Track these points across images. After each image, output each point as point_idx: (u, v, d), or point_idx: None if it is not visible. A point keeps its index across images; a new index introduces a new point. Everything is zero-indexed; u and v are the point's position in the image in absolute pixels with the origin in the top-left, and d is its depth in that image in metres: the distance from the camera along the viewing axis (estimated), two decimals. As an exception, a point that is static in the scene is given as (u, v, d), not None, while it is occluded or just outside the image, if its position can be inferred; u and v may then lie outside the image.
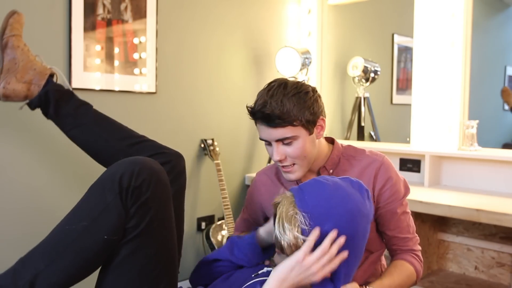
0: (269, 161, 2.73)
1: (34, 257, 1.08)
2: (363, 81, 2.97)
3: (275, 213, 1.07)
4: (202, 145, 2.48)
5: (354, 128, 3.02)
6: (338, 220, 1.00)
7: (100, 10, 2.03)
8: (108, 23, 2.06)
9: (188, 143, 2.43)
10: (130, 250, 1.09)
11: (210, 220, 2.54)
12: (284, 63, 2.65)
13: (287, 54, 2.63)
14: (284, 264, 1.01)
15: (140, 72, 2.20)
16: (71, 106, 1.41)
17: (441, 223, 2.34)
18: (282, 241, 1.01)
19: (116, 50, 2.11)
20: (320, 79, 2.99)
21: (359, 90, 2.99)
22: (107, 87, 2.08)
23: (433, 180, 2.34)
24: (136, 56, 2.18)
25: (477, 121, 2.26)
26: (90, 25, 2.00)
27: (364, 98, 2.97)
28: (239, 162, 2.69)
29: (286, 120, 1.15)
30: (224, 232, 2.41)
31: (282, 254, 1.05)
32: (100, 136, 1.39)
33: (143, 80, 2.21)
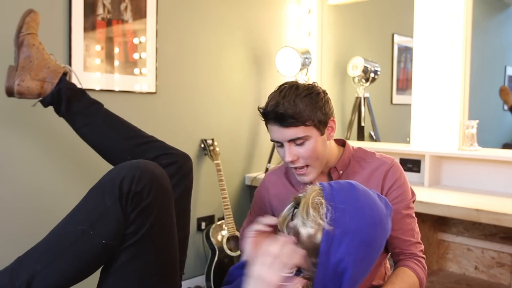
0: (269, 161, 2.73)
1: (31, 258, 1.08)
2: (363, 81, 2.97)
3: (297, 202, 1.06)
4: (202, 145, 2.48)
5: (354, 128, 3.02)
6: (361, 223, 0.99)
7: (100, 10, 2.03)
8: (108, 23, 2.07)
9: (188, 143, 2.43)
10: (130, 256, 1.08)
11: (210, 220, 2.54)
12: (284, 63, 2.65)
13: (287, 54, 2.63)
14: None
15: (140, 72, 2.20)
16: (82, 104, 1.42)
17: (441, 223, 2.34)
18: (301, 227, 0.99)
19: (116, 50, 2.11)
20: (320, 79, 2.99)
21: (359, 90, 2.99)
22: (107, 87, 2.08)
23: (433, 180, 2.34)
24: (136, 56, 2.18)
25: (477, 121, 2.26)
26: (90, 25, 2.00)
27: (364, 98, 2.97)
28: (239, 162, 2.69)
29: (299, 119, 1.16)
30: (224, 232, 2.41)
31: (293, 243, 1.05)
32: (109, 135, 1.40)
33: (143, 80, 2.21)
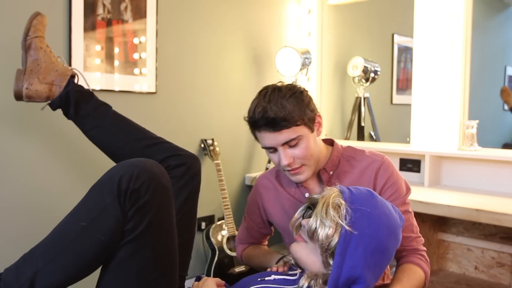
0: (269, 161, 2.73)
1: (35, 255, 1.09)
2: (363, 81, 2.97)
3: (311, 203, 1.08)
4: (202, 145, 2.48)
5: (354, 128, 3.02)
6: (377, 229, 1.01)
7: (100, 10, 2.03)
8: (108, 23, 2.07)
9: (188, 143, 2.43)
10: (128, 253, 1.09)
11: (210, 220, 2.54)
12: (284, 63, 2.65)
13: (287, 54, 2.63)
14: None
15: (140, 72, 2.20)
16: (90, 106, 1.43)
17: (441, 223, 2.34)
18: (319, 226, 1.00)
19: (116, 50, 2.11)
20: (320, 79, 2.99)
21: (359, 90, 2.99)
22: (107, 87, 2.08)
23: (433, 180, 2.34)
24: (136, 56, 2.18)
25: (477, 121, 2.26)
26: (90, 25, 2.00)
27: (364, 98, 2.97)
28: (239, 162, 2.69)
29: (290, 121, 1.15)
30: (224, 232, 2.41)
31: (303, 242, 1.05)
32: (118, 137, 1.41)
33: (143, 80, 2.21)
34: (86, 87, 1.49)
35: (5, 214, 1.82)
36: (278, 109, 1.14)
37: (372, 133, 3.04)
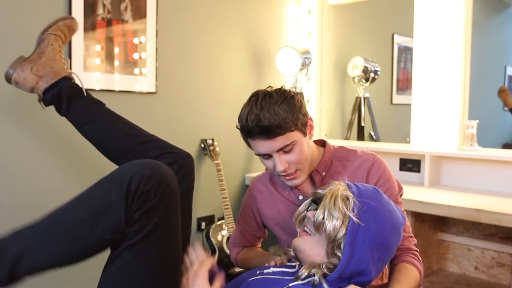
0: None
1: (26, 234, 1.07)
2: (363, 81, 2.97)
3: (316, 197, 1.09)
4: (202, 145, 2.48)
5: (354, 128, 3.02)
6: (382, 224, 1.02)
7: (100, 10, 2.03)
8: (108, 23, 2.07)
9: (188, 143, 2.43)
10: (132, 256, 1.08)
11: (210, 220, 2.54)
12: (284, 63, 2.65)
13: (287, 54, 2.63)
14: None
15: (140, 72, 2.20)
16: (83, 103, 1.42)
17: (441, 223, 2.34)
18: (327, 218, 1.01)
19: (116, 50, 2.11)
20: (320, 79, 2.99)
21: (359, 90, 2.99)
22: (107, 87, 2.08)
23: (433, 180, 2.34)
24: (136, 56, 2.18)
25: (477, 121, 2.26)
26: (90, 25, 2.00)
27: (364, 98, 2.97)
28: (239, 162, 2.69)
29: (284, 127, 1.14)
30: (224, 232, 2.41)
31: (306, 236, 1.06)
32: (110, 133, 1.41)
33: (143, 80, 2.21)
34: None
35: (5, 214, 1.82)
36: (272, 116, 1.13)
37: (372, 133, 3.04)
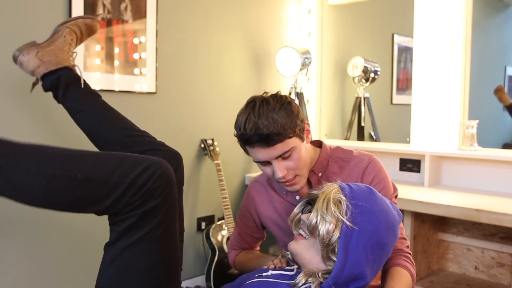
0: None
1: (7, 149, 1.04)
2: (363, 81, 2.97)
3: (310, 198, 1.08)
4: (202, 145, 2.48)
5: (354, 128, 3.02)
6: (377, 225, 1.02)
7: (100, 10, 2.03)
8: (108, 23, 2.07)
9: (188, 143, 2.43)
10: (134, 255, 1.08)
11: (210, 220, 2.54)
12: (284, 63, 2.65)
13: (287, 54, 2.63)
14: None
15: (140, 72, 2.20)
16: (80, 92, 1.44)
17: (441, 223, 2.34)
18: (320, 222, 1.00)
19: (116, 50, 2.11)
20: (320, 79, 2.99)
21: (359, 90, 2.99)
22: (107, 87, 2.08)
23: (433, 180, 2.34)
24: (136, 56, 2.18)
25: (477, 121, 2.26)
26: (90, 25, 2.00)
27: (364, 98, 2.97)
28: (239, 162, 2.69)
29: (283, 135, 1.14)
30: (224, 232, 2.41)
31: (302, 239, 1.05)
32: (101, 124, 1.42)
33: (143, 80, 2.21)
34: (82, 84, 1.49)
35: (3, 215, 1.82)
36: (270, 124, 1.12)
37: (372, 133, 3.04)
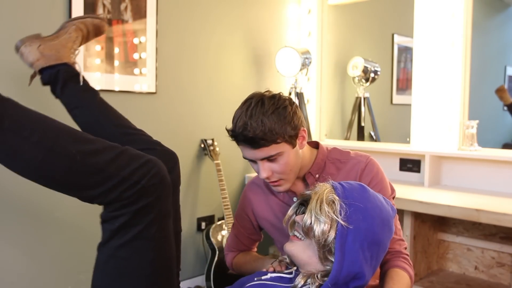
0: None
1: (12, 111, 1.02)
2: (363, 81, 2.97)
3: (304, 199, 1.08)
4: (202, 145, 2.48)
5: (354, 128, 3.02)
6: (371, 222, 1.02)
7: (100, 10, 2.03)
8: (108, 23, 2.06)
9: (188, 143, 2.43)
10: (129, 253, 1.08)
11: (210, 220, 2.54)
12: (284, 63, 2.65)
13: (287, 54, 2.63)
14: None
15: (140, 72, 2.20)
16: (78, 88, 1.44)
17: (441, 223, 2.34)
18: (314, 223, 1.00)
19: (116, 50, 2.11)
20: (320, 79, 2.99)
21: (359, 90, 2.99)
22: (107, 87, 2.08)
23: (433, 180, 2.34)
24: (136, 56, 2.18)
25: (477, 121, 2.26)
26: (90, 25, 2.00)
27: (364, 98, 2.97)
28: (239, 162, 2.69)
29: (269, 139, 1.13)
30: (224, 232, 2.41)
31: (297, 241, 1.05)
32: (98, 120, 1.42)
33: (143, 80, 2.21)
34: (81, 83, 1.48)
35: (3, 215, 1.82)
36: (258, 127, 1.12)
37: (372, 133, 3.04)
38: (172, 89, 2.35)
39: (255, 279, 1.13)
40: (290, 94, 2.74)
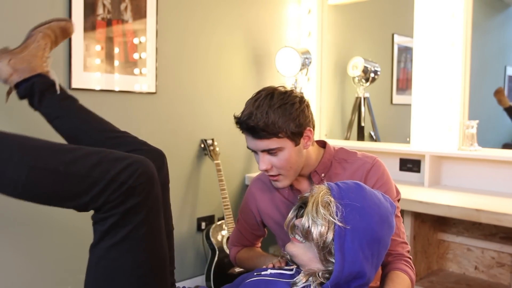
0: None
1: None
2: (363, 81, 2.97)
3: (303, 202, 1.08)
4: (202, 145, 2.48)
5: (354, 128, 3.02)
6: (370, 221, 1.02)
7: (100, 10, 2.03)
8: (108, 23, 2.07)
9: (188, 143, 2.43)
10: (119, 254, 1.08)
11: (210, 220, 2.54)
12: (284, 63, 2.65)
13: (287, 54, 2.63)
14: None
15: (140, 72, 2.20)
16: (56, 98, 1.41)
17: (441, 223, 2.34)
18: (311, 226, 1.01)
19: (116, 50, 2.11)
20: (320, 79, 2.99)
21: (359, 90, 2.99)
22: (107, 87, 2.08)
23: (433, 180, 2.34)
24: (136, 56, 2.18)
25: (477, 121, 2.26)
26: (90, 25, 2.00)
27: (364, 98, 2.97)
28: (239, 162, 2.69)
29: (270, 132, 1.15)
30: (224, 232, 2.41)
31: (298, 243, 1.06)
32: (80, 128, 1.40)
33: (143, 80, 2.21)
34: (58, 91, 1.46)
35: (3, 215, 1.82)
36: (262, 118, 1.14)
37: (372, 133, 3.04)
38: (172, 89, 2.35)
39: (255, 274, 1.14)
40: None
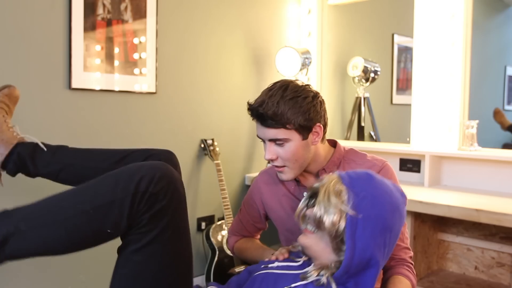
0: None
1: (19, 215, 1.06)
2: (363, 81, 2.97)
3: (313, 192, 1.08)
4: (202, 145, 2.48)
5: (354, 128, 3.02)
6: (381, 209, 1.01)
7: (100, 10, 2.03)
8: (108, 23, 2.07)
9: (188, 143, 2.43)
10: (144, 257, 1.09)
11: (210, 220, 2.54)
12: (284, 63, 2.65)
13: (287, 54, 2.63)
14: None
15: (140, 72, 2.20)
16: (47, 154, 1.39)
17: (441, 223, 2.34)
18: (323, 215, 1.01)
19: (116, 50, 2.11)
20: (320, 79, 2.99)
21: (359, 90, 2.99)
22: (107, 87, 2.08)
23: (433, 180, 2.34)
24: (136, 56, 2.18)
25: (477, 121, 2.26)
26: (90, 25, 2.00)
27: (364, 98, 2.97)
28: (239, 162, 2.69)
29: (278, 121, 1.17)
30: (224, 232, 2.41)
31: (310, 234, 1.06)
32: (87, 167, 1.38)
33: (143, 80, 2.21)
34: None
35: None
36: (272, 107, 1.16)
37: (372, 133, 3.04)
38: (172, 89, 2.35)
39: (262, 266, 1.14)
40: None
